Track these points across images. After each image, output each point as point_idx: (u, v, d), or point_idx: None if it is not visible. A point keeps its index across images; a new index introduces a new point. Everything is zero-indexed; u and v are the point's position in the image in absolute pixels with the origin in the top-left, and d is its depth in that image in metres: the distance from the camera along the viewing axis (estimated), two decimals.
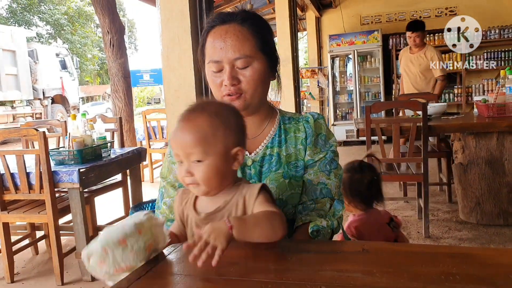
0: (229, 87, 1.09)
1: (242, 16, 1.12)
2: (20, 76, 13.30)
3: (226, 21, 1.11)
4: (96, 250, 0.81)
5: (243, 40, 1.08)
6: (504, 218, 3.29)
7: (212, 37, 1.11)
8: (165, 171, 1.20)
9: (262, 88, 1.14)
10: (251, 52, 1.09)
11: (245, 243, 0.92)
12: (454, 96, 7.75)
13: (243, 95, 1.11)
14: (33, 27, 27.02)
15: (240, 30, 1.09)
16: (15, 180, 2.71)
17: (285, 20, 5.58)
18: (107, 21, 5.79)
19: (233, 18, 1.11)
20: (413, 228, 3.38)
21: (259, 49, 1.10)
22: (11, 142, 11.65)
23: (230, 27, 1.10)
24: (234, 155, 0.94)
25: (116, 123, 3.86)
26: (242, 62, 1.08)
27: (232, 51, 1.08)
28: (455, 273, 0.73)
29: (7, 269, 2.85)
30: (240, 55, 1.08)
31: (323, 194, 1.14)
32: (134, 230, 0.83)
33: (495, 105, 3.29)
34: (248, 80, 1.09)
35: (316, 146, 1.18)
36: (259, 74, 1.10)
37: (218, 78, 1.11)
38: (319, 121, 1.21)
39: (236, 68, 1.09)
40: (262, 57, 1.11)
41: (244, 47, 1.08)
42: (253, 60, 1.09)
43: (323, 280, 0.73)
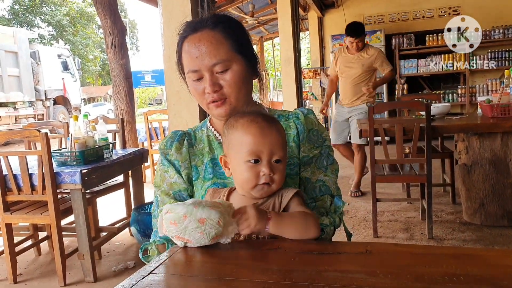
0: (212, 94, 1.09)
1: (212, 21, 1.10)
2: (22, 77, 13.35)
3: (197, 29, 1.10)
4: (178, 211, 0.89)
5: (217, 45, 1.07)
6: (508, 219, 3.27)
7: (186, 47, 1.10)
8: (158, 180, 1.20)
9: (245, 89, 1.13)
10: (228, 55, 1.08)
11: (245, 243, 0.91)
12: (457, 96, 7.73)
13: (228, 99, 1.10)
14: (35, 28, 27.15)
15: (212, 35, 1.08)
16: (18, 181, 2.71)
17: (287, 20, 5.58)
18: (108, 22, 5.80)
19: (204, 24, 1.10)
20: (416, 229, 3.37)
21: (235, 51, 1.09)
22: (13, 143, 11.68)
23: (203, 34, 1.08)
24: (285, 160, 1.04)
25: (118, 124, 3.86)
26: (221, 67, 1.07)
27: (208, 57, 1.07)
28: (459, 274, 0.72)
29: (10, 269, 2.85)
30: (217, 60, 1.07)
31: (322, 192, 1.13)
32: (216, 219, 0.88)
33: (499, 105, 3.28)
34: (229, 84, 1.08)
35: (310, 142, 1.16)
36: (239, 75, 1.09)
37: (200, 86, 1.10)
38: (310, 116, 1.20)
39: (216, 74, 1.08)
40: (240, 58, 1.10)
41: (219, 51, 1.07)
42: (231, 63, 1.08)
43: (326, 281, 0.72)
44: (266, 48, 17.11)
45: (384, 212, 3.82)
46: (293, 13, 5.58)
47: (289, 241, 0.92)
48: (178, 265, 0.87)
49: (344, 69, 4.54)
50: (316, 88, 8.72)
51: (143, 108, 25.16)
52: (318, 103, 8.65)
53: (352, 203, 4.19)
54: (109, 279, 2.87)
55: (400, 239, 3.24)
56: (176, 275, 0.81)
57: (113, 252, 3.37)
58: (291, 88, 5.53)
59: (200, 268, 0.82)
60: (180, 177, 1.16)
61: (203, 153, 1.19)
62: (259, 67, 1.20)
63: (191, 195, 1.17)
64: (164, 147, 1.20)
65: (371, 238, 3.25)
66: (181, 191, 1.16)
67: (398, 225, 3.50)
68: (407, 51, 7.78)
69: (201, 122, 1.28)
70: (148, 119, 5.59)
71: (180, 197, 1.15)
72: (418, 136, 3.09)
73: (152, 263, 0.85)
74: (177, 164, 1.17)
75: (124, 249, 3.42)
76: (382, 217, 3.70)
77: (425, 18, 7.90)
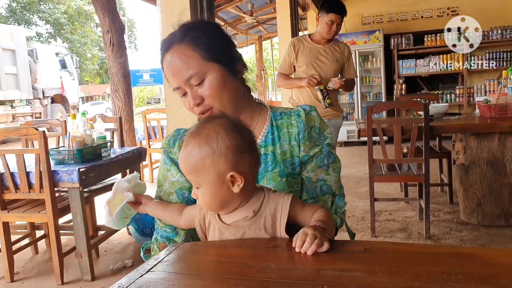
0: (196, 108, 1.09)
1: (180, 35, 1.09)
2: (20, 76, 13.32)
3: (168, 46, 1.09)
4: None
5: (186, 59, 1.06)
6: (505, 219, 3.28)
7: (164, 67, 1.11)
8: (160, 179, 1.19)
9: (228, 93, 1.10)
10: (199, 67, 1.06)
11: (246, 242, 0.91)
12: (455, 97, 7.74)
13: (213, 108, 1.09)
14: (32, 26, 27.08)
15: (180, 51, 1.07)
16: (15, 180, 2.70)
17: (286, 20, 5.59)
18: (107, 20, 5.78)
19: (173, 40, 1.09)
20: (414, 229, 3.38)
21: (207, 60, 1.07)
22: (10, 142, 11.65)
23: (173, 51, 1.08)
24: (229, 180, 0.93)
25: (116, 122, 3.86)
26: (195, 79, 1.06)
27: (181, 74, 1.07)
28: (458, 272, 0.72)
29: (7, 268, 2.84)
30: (189, 74, 1.06)
31: (323, 191, 1.12)
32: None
33: (497, 106, 3.28)
34: (209, 94, 1.08)
35: (310, 140, 1.15)
36: (217, 83, 1.07)
37: (186, 102, 1.11)
38: (311, 113, 1.18)
39: (195, 87, 1.08)
40: (213, 65, 1.07)
41: (189, 65, 1.06)
42: (205, 73, 1.07)
43: (325, 279, 0.72)
44: (265, 47, 17.11)
45: (382, 211, 3.83)
46: (292, 13, 5.59)
47: (286, 240, 0.92)
48: (177, 263, 0.86)
49: (314, 63, 3.53)
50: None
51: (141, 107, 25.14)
52: None
53: (350, 203, 4.20)
54: (107, 278, 2.86)
55: (398, 238, 3.24)
56: (174, 273, 0.81)
57: (111, 250, 3.37)
58: None
59: (199, 266, 0.82)
60: (182, 175, 1.15)
61: None
62: (240, 65, 1.16)
63: None
64: (167, 146, 1.20)
65: (369, 238, 3.25)
66: (183, 190, 1.15)
67: (396, 225, 3.51)
68: (406, 51, 7.79)
69: None
70: (146, 118, 5.58)
71: (182, 196, 1.15)
72: (416, 136, 3.09)
73: (151, 261, 0.84)
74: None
75: (122, 248, 3.42)
76: (380, 216, 3.71)
77: (424, 18, 7.91)
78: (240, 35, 11.02)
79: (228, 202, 0.96)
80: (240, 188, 0.93)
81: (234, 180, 0.93)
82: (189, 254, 0.89)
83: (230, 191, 0.94)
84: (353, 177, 5.35)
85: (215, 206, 0.96)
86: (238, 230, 0.96)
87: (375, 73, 7.87)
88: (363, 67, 7.87)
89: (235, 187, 0.93)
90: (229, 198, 0.95)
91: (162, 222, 1.14)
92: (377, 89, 7.92)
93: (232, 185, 0.93)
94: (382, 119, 4.29)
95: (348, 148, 7.79)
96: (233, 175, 0.92)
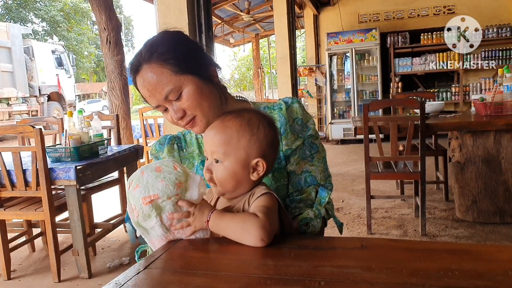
0: (180, 121, 1.08)
1: (146, 53, 1.06)
2: (16, 73, 13.27)
3: (137, 68, 1.07)
4: (136, 173, 0.93)
5: (158, 77, 1.04)
6: (500, 216, 3.30)
7: (139, 89, 1.09)
8: None
9: (207, 101, 1.08)
10: (172, 81, 1.04)
11: None
12: (451, 95, 7.77)
13: (196, 118, 1.08)
14: (28, 23, 26.97)
15: (150, 70, 1.04)
16: (12, 177, 2.70)
17: (283, 18, 5.58)
18: (103, 18, 5.77)
19: (140, 60, 1.07)
20: (409, 226, 3.39)
21: (179, 73, 1.04)
22: (6, 139, 11.62)
23: (143, 72, 1.05)
24: (254, 165, 0.96)
25: (112, 120, 3.85)
26: (173, 95, 1.05)
27: (157, 93, 1.04)
28: (454, 268, 0.73)
29: (3, 266, 2.84)
30: (165, 92, 1.04)
31: (308, 183, 1.11)
32: (171, 164, 0.94)
33: (492, 104, 3.30)
34: (189, 106, 1.06)
35: (293, 133, 1.14)
36: (194, 93, 1.05)
37: (169, 116, 1.09)
38: (293, 106, 1.17)
39: (174, 102, 1.06)
40: (187, 77, 1.05)
41: (162, 82, 1.03)
42: (180, 87, 1.05)
43: (322, 275, 0.73)
44: (262, 45, 17.09)
45: (378, 209, 3.84)
46: (289, 11, 5.59)
47: (284, 236, 0.93)
48: (174, 260, 0.87)
49: None
50: (311, 86, 8.74)
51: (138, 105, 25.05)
52: (313, 100, 8.68)
53: (346, 200, 4.21)
54: (104, 276, 2.86)
55: (394, 236, 3.25)
56: (172, 270, 0.82)
57: (108, 248, 3.37)
58: (286, 86, 5.54)
59: (196, 263, 0.83)
60: None
61: (193, 155, 1.20)
62: (212, 70, 1.13)
63: None
64: (155, 151, 1.21)
65: (365, 235, 3.26)
66: None
67: (392, 222, 3.52)
68: (402, 50, 7.81)
69: None
70: (143, 116, 5.58)
71: None
72: (412, 134, 3.10)
73: (148, 258, 0.85)
74: None
75: (119, 245, 3.42)
76: (376, 214, 3.72)
77: (420, 17, 7.93)
78: (237, 33, 11.00)
79: (241, 186, 0.98)
80: (258, 177, 0.97)
81: (257, 168, 0.97)
82: (187, 251, 0.90)
83: (247, 176, 0.97)
84: (349, 174, 5.36)
85: (228, 185, 0.97)
86: None
87: (372, 71, 7.88)
88: (360, 65, 7.89)
89: (255, 174, 0.97)
90: (244, 182, 0.97)
91: None
92: (373, 87, 7.94)
93: (252, 172, 0.97)
94: (379, 117, 4.30)
95: (345, 146, 7.81)
96: (258, 162, 0.96)
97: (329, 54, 7.96)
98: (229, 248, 0.88)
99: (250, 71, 21.67)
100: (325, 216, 1.10)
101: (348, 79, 7.98)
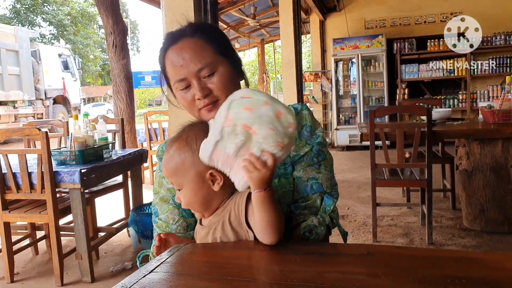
0: (203, 100, 1.08)
1: (191, 29, 1.10)
2: (23, 76, 13.35)
3: (177, 39, 1.10)
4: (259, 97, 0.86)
5: (200, 50, 1.07)
6: (508, 225, 3.26)
7: (169, 58, 1.10)
8: (156, 187, 1.19)
9: (234, 90, 1.09)
10: (212, 59, 1.07)
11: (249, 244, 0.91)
12: (458, 102, 7.74)
13: (219, 101, 1.08)
14: (36, 27, 27.19)
15: (194, 42, 1.08)
16: (17, 180, 2.70)
17: (289, 23, 5.59)
18: (110, 22, 5.80)
19: (183, 33, 1.10)
20: (416, 235, 3.36)
21: (219, 54, 1.09)
22: (12, 142, 11.67)
23: (183, 43, 1.08)
24: (210, 178, 0.97)
25: (117, 124, 3.85)
26: (207, 70, 1.07)
27: (193, 64, 1.06)
28: (461, 277, 0.72)
29: (7, 268, 2.84)
30: (202, 65, 1.06)
31: (314, 190, 1.10)
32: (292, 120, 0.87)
33: (500, 111, 3.28)
34: (218, 86, 1.08)
35: (302, 139, 1.14)
36: (227, 77, 1.09)
37: (189, 95, 1.09)
38: (302, 112, 1.18)
39: (203, 79, 1.08)
40: (224, 60, 1.10)
41: (203, 56, 1.07)
42: (217, 66, 1.08)
43: (328, 281, 0.72)
44: (267, 50, 17.12)
45: (383, 216, 3.82)
46: (295, 16, 5.59)
47: (289, 242, 0.92)
48: (179, 264, 0.86)
49: None
50: (317, 92, 8.73)
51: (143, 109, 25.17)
52: (318, 106, 8.67)
53: (351, 207, 4.19)
54: (107, 280, 2.86)
55: (400, 244, 3.23)
56: (177, 274, 0.81)
57: (111, 252, 3.36)
58: (291, 91, 5.53)
59: (202, 268, 0.82)
60: None
61: None
62: (243, 69, 1.19)
63: None
64: (162, 153, 1.19)
65: (370, 243, 3.24)
66: None
67: (398, 230, 3.49)
68: (409, 56, 7.79)
69: None
70: (148, 120, 5.59)
71: (178, 203, 1.14)
72: (419, 141, 3.09)
73: (153, 262, 0.84)
74: None
75: (122, 249, 3.41)
76: (382, 221, 3.70)
77: (427, 23, 7.92)
78: (242, 38, 11.04)
79: (209, 201, 0.99)
80: (220, 186, 0.97)
81: (214, 179, 0.97)
82: (192, 255, 0.89)
83: (210, 189, 0.97)
84: (355, 181, 5.34)
85: (198, 205, 0.99)
86: (210, 227, 0.98)
87: (378, 78, 7.87)
88: (366, 72, 7.88)
89: (215, 185, 0.97)
90: (210, 196, 0.98)
91: (161, 230, 1.13)
92: (379, 94, 7.92)
93: (212, 184, 0.97)
94: (385, 124, 4.29)
95: (350, 152, 7.78)
96: (212, 173, 0.96)
97: (335, 59, 7.96)
98: (234, 253, 0.87)
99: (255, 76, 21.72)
100: (330, 224, 1.09)
101: (354, 85, 7.97)
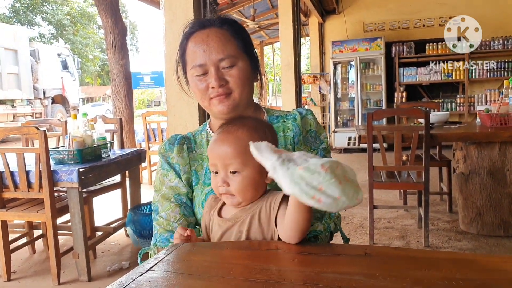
0: (217, 89, 1.09)
1: (220, 20, 1.13)
2: (21, 75, 13.34)
3: (205, 26, 1.12)
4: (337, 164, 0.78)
5: (225, 42, 1.10)
6: (504, 229, 3.27)
7: (193, 42, 1.12)
8: (157, 184, 1.19)
9: (248, 88, 1.14)
10: (235, 53, 1.10)
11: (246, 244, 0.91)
12: (456, 105, 7.75)
13: (232, 94, 1.10)
14: (35, 27, 27.14)
15: (221, 33, 1.11)
16: (15, 178, 2.70)
17: (288, 26, 5.60)
18: (109, 22, 5.80)
19: (211, 23, 1.13)
20: (412, 237, 3.37)
21: (242, 50, 1.12)
22: (10, 141, 11.65)
23: (211, 31, 1.11)
24: None
25: (116, 124, 3.86)
26: (227, 62, 1.09)
27: (216, 52, 1.09)
28: (459, 278, 0.72)
29: (4, 267, 2.83)
30: (224, 55, 1.08)
31: None
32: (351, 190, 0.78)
33: (498, 115, 3.29)
34: (235, 80, 1.10)
35: (306, 144, 1.16)
36: (244, 73, 1.11)
37: (203, 82, 1.10)
38: (307, 117, 1.19)
39: (222, 69, 1.09)
40: (245, 57, 1.12)
41: (227, 47, 1.09)
42: (237, 60, 1.10)
43: (325, 282, 0.72)
44: (266, 52, 17.15)
45: (380, 219, 3.82)
46: (294, 19, 5.60)
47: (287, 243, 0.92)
48: (177, 263, 0.86)
49: None
50: (315, 94, 8.74)
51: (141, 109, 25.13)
52: (317, 108, 8.67)
53: (348, 210, 4.19)
54: (104, 279, 2.85)
55: (396, 246, 3.23)
56: (174, 273, 0.81)
57: (108, 252, 3.36)
58: (290, 93, 5.54)
59: (199, 267, 0.82)
60: (181, 181, 1.15)
61: (203, 158, 1.18)
62: (260, 70, 1.21)
63: (191, 199, 1.16)
64: (164, 151, 1.20)
65: (367, 245, 3.24)
66: (181, 195, 1.15)
67: (395, 233, 3.50)
68: (407, 59, 7.81)
69: (201, 126, 1.27)
70: (146, 120, 5.58)
71: (181, 201, 1.14)
72: (417, 144, 3.09)
73: (150, 261, 0.84)
74: (178, 167, 1.16)
75: (119, 249, 3.41)
76: (379, 224, 3.70)
77: (426, 27, 7.94)
78: None
79: (258, 191, 0.99)
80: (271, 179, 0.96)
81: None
82: (189, 254, 0.89)
83: (263, 180, 0.98)
84: None
85: (248, 193, 0.98)
86: (236, 220, 0.98)
87: (376, 81, 7.88)
88: (364, 74, 7.89)
89: (268, 177, 0.96)
90: (259, 188, 0.99)
91: (162, 227, 1.13)
92: (377, 97, 7.93)
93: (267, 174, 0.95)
94: (383, 126, 4.29)
95: (348, 154, 7.79)
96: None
97: (334, 62, 7.97)
98: (231, 252, 0.88)
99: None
100: (333, 230, 1.10)
101: (352, 88, 7.98)
